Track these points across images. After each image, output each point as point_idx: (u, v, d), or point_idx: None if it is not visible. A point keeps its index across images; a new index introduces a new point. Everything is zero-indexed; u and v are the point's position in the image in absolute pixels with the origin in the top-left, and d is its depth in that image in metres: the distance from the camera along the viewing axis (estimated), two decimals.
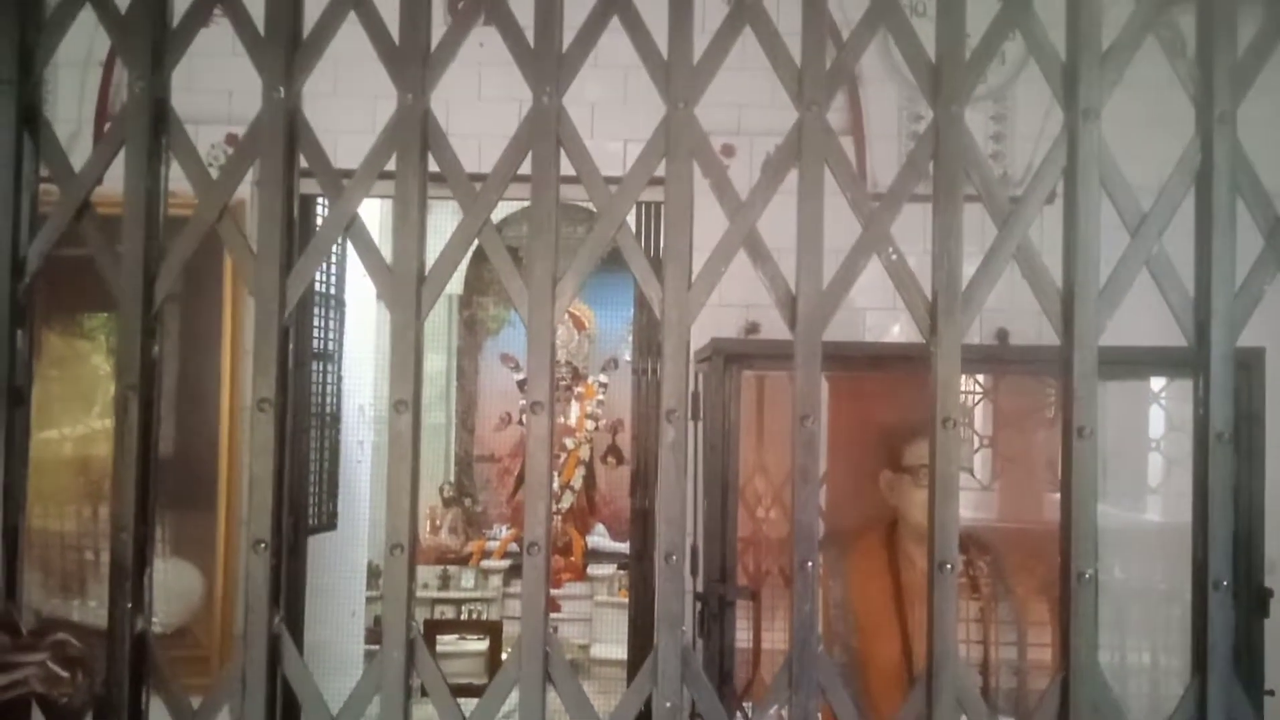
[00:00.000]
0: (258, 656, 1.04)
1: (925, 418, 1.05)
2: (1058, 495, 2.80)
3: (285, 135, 1.08)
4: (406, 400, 1.06)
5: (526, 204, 1.07)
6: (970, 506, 2.56)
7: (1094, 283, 1.03)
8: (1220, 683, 0.98)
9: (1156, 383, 2.85)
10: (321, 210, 3.05)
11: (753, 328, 2.91)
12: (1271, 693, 2.14)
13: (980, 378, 2.60)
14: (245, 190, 1.06)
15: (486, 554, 6.18)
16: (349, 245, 1.11)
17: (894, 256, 1.07)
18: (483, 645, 5.14)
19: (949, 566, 1.03)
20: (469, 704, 1.07)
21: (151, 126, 1.10)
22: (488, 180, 1.08)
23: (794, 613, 1.04)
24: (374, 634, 4.22)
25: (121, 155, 1.10)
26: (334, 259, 3.76)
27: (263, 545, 1.04)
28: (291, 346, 1.12)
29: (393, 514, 1.05)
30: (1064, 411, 1.04)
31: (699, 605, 2.25)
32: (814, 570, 1.05)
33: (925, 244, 1.08)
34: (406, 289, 1.08)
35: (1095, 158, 1.03)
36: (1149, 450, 2.90)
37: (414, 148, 1.08)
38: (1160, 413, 2.89)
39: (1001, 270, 1.05)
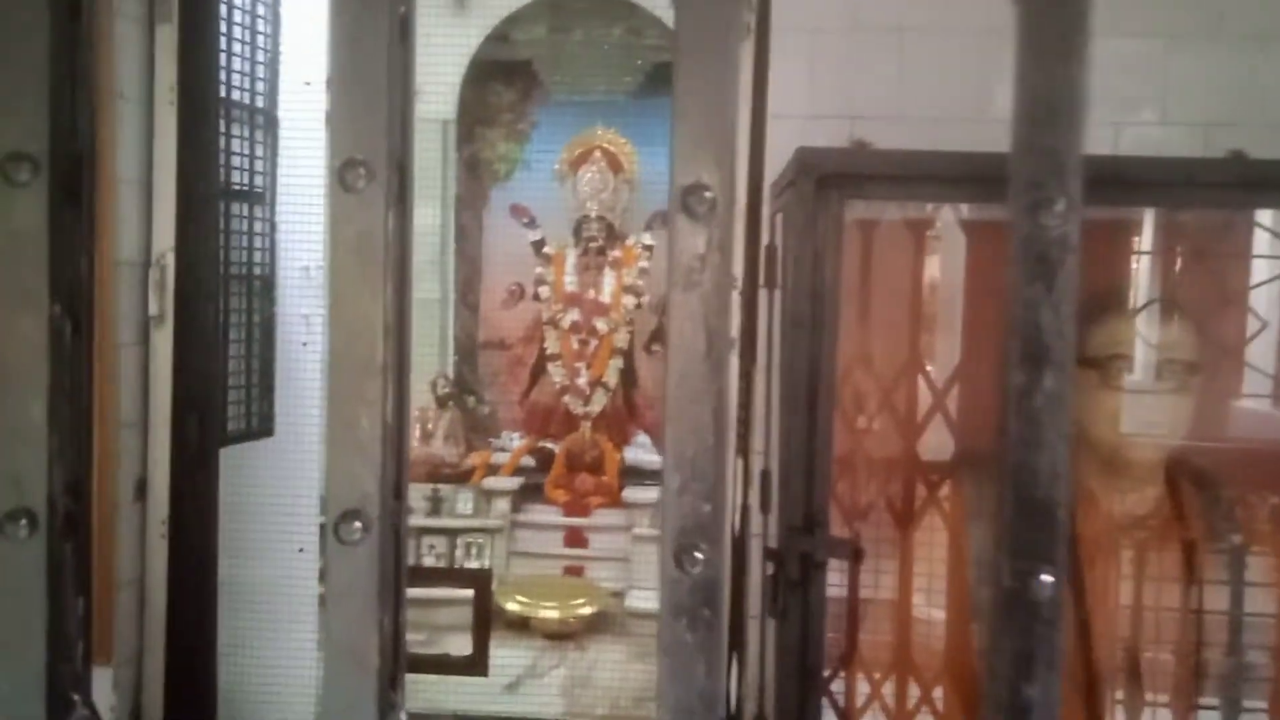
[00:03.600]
0: None
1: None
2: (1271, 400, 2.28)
3: None
4: (370, 163, 0.58)
5: None
6: (1136, 417, 2.05)
7: None
8: None
9: None
10: None
11: (860, 146, 2.41)
12: None
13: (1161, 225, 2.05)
14: None
15: (493, 469, 5.85)
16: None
17: None
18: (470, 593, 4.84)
19: None
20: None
21: None
22: None
23: None
24: None
25: None
26: (261, 54, 3.27)
27: None
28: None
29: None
30: None
31: (771, 566, 1.82)
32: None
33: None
34: None
35: None
36: None
37: None
38: None
39: None
